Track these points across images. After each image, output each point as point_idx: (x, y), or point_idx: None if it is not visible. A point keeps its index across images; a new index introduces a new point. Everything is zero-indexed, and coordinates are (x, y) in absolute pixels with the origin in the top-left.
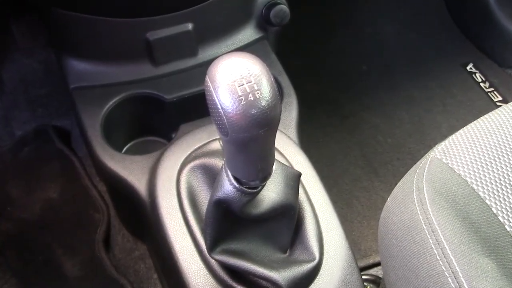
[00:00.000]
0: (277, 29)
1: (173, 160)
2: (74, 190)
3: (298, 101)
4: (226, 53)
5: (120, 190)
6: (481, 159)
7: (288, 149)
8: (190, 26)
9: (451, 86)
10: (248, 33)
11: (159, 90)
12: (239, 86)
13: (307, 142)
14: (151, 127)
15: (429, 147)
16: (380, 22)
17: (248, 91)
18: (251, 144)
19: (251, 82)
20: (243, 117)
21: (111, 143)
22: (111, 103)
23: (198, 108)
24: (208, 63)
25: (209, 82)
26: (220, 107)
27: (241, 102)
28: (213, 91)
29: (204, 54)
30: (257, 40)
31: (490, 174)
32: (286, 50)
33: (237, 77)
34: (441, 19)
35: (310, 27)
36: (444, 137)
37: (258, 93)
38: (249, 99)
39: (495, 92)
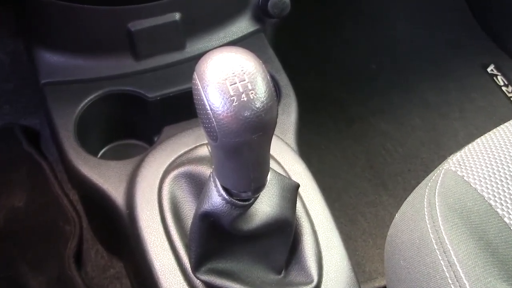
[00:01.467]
0: (275, 21)
1: (154, 166)
2: (43, 199)
3: (297, 103)
4: (218, 47)
5: (94, 199)
6: (500, 172)
7: (285, 157)
8: (177, 16)
9: (470, 89)
10: (243, 25)
11: (141, 87)
12: (230, 85)
13: (308, 149)
14: (131, 129)
15: (444, 157)
16: (392, 16)
17: (241, 90)
18: (243, 150)
19: (244, 80)
20: (234, 120)
21: (85, 146)
22: (86, 101)
23: (184, 108)
24: (197, 58)
25: (197, 79)
26: (209, 108)
27: (232, 103)
28: (201, 90)
29: (192, 48)
30: (252, 33)
31: (510, 189)
32: (286, 45)
33: (229, 74)
34: (460, 15)
35: (314, 20)
36: (461, 146)
37: (252, 93)
38: (241, 99)
39: None
